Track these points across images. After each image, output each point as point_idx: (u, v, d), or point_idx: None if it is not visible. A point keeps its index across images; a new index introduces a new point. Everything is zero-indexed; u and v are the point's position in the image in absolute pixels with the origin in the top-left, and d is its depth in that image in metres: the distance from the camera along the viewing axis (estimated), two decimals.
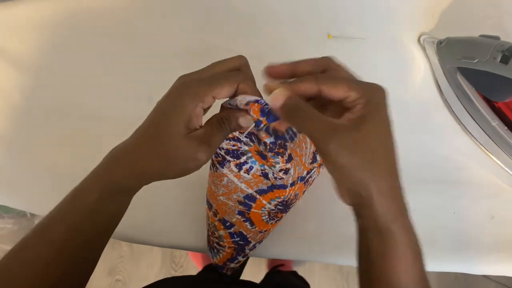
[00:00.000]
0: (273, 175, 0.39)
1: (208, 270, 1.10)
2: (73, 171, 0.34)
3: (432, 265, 0.54)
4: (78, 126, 0.56)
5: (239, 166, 0.39)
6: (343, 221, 0.53)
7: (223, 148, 0.38)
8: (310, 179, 0.45)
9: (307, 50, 0.57)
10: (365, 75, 0.57)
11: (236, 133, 0.36)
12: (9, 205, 0.56)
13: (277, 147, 0.36)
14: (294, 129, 0.38)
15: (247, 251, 0.47)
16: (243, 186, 0.40)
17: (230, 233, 0.44)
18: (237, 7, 0.57)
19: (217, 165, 0.39)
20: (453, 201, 0.55)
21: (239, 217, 0.43)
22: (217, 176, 0.40)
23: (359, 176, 0.28)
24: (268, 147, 0.36)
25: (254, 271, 1.27)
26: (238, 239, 0.44)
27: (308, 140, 0.41)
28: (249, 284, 0.61)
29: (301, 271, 0.98)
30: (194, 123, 0.30)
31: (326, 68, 0.31)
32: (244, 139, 0.37)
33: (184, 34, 0.58)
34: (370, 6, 0.57)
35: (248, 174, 0.39)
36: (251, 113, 0.33)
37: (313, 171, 0.45)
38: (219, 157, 0.39)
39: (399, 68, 0.56)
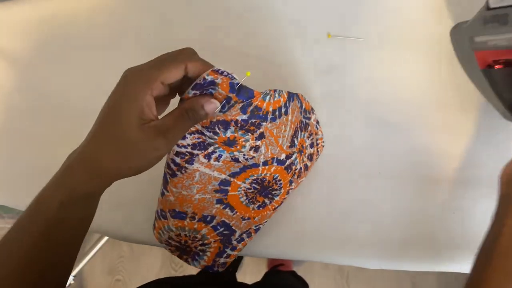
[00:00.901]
0: (244, 158, 0.38)
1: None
2: None
3: (432, 265, 0.54)
4: (78, 126, 0.56)
5: (208, 156, 0.38)
6: (343, 221, 0.53)
7: (189, 145, 0.37)
8: (293, 166, 0.45)
9: (306, 48, 0.57)
10: (364, 74, 0.57)
11: (199, 127, 0.35)
12: (9, 205, 0.56)
13: (249, 124, 0.36)
14: (280, 111, 0.38)
15: (234, 242, 0.46)
16: (215, 173, 0.40)
17: (213, 226, 0.43)
18: (236, 7, 0.57)
19: (186, 165, 0.38)
20: (453, 201, 0.55)
21: (218, 205, 0.42)
22: (187, 176, 0.39)
23: None
24: (239, 125, 0.35)
25: (254, 271, 1.28)
26: (222, 229, 0.44)
27: (289, 123, 0.41)
28: (245, 286, 0.61)
29: (301, 271, 0.98)
30: (147, 113, 0.29)
31: None
32: (208, 133, 0.36)
33: (183, 34, 0.58)
34: (370, 5, 0.57)
35: (219, 161, 0.39)
36: (219, 90, 0.32)
37: (294, 157, 0.44)
38: (186, 155, 0.37)
39: (399, 67, 0.56)
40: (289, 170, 0.44)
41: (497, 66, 0.46)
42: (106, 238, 1.29)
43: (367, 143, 0.55)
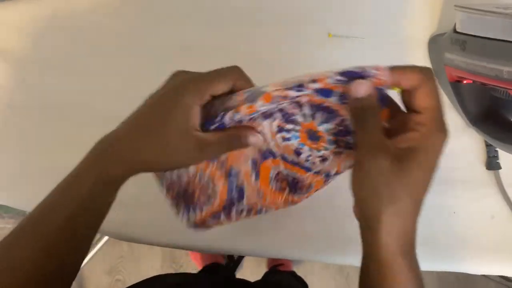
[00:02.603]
0: (306, 157, 0.37)
1: (208, 270, 1.10)
2: None
3: (432, 265, 0.54)
4: (78, 126, 0.56)
5: (280, 129, 0.35)
6: (344, 221, 0.53)
7: (280, 103, 0.33)
8: (330, 179, 0.42)
9: (307, 48, 0.57)
10: None
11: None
12: (9, 205, 0.56)
13: (342, 138, 0.34)
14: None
15: (233, 211, 0.43)
16: (271, 144, 0.37)
17: (229, 183, 0.40)
18: (236, 7, 0.57)
19: (258, 118, 0.34)
20: (453, 201, 0.55)
21: (249, 166, 0.40)
22: (252, 121, 0.35)
23: (374, 204, 0.28)
24: (338, 128, 0.33)
25: (254, 271, 1.27)
26: (235, 193, 0.41)
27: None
28: (244, 283, 0.61)
29: (300, 271, 0.98)
30: (193, 123, 0.31)
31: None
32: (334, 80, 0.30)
33: (184, 34, 0.58)
34: (370, 5, 0.57)
35: (283, 141, 0.36)
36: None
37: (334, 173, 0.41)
38: (267, 110, 0.34)
39: None
40: (325, 183, 0.41)
41: (465, 81, 0.49)
42: (106, 238, 1.29)
43: None
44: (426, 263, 0.54)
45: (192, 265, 1.32)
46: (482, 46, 0.41)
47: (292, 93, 0.31)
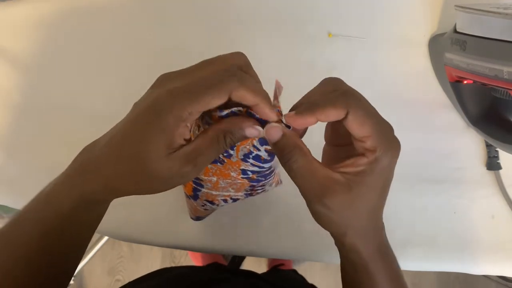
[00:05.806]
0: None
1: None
2: None
3: (432, 265, 0.54)
4: (78, 126, 0.56)
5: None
6: None
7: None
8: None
9: (307, 49, 0.57)
10: (365, 74, 0.57)
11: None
12: (9, 205, 0.56)
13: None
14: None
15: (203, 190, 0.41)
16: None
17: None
18: (236, 7, 0.57)
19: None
20: (453, 201, 0.55)
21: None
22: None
23: (343, 230, 0.28)
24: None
25: (255, 271, 1.27)
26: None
27: None
28: (252, 274, 0.61)
29: (301, 271, 0.98)
30: (178, 141, 0.26)
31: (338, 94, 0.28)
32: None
33: (184, 34, 0.58)
34: (370, 5, 0.57)
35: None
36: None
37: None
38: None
39: (400, 67, 0.56)
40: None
41: (465, 81, 0.49)
42: (106, 238, 1.29)
43: None
44: (426, 263, 0.54)
45: (192, 265, 1.32)
46: (482, 46, 0.41)
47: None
